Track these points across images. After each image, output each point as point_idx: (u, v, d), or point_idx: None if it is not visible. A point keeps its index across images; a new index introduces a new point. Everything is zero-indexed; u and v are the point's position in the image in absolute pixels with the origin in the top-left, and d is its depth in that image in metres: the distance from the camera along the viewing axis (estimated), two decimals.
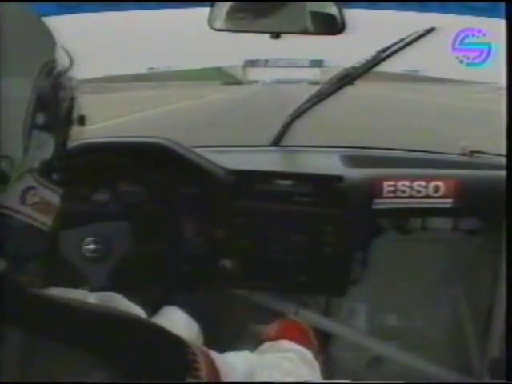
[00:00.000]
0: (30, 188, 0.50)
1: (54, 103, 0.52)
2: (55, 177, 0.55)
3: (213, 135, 6.44)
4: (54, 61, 0.52)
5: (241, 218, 1.34)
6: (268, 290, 1.45)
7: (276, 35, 1.06)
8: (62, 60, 0.55)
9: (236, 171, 1.36)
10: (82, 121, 0.59)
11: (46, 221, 0.53)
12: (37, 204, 0.51)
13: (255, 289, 1.43)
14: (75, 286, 0.77)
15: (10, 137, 0.47)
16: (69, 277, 1.19)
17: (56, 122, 0.53)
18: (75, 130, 0.59)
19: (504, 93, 1.02)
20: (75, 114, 0.57)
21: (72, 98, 0.56)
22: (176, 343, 0.52)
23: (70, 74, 0.55)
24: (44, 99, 0.50)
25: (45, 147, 0.52)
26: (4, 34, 0.47)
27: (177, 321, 0.66)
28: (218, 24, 1.10)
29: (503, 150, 1.02)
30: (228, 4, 1.09)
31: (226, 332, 1.40)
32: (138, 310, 0.60)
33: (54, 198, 0.54)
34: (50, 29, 0.53)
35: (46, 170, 0.53)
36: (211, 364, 0.53)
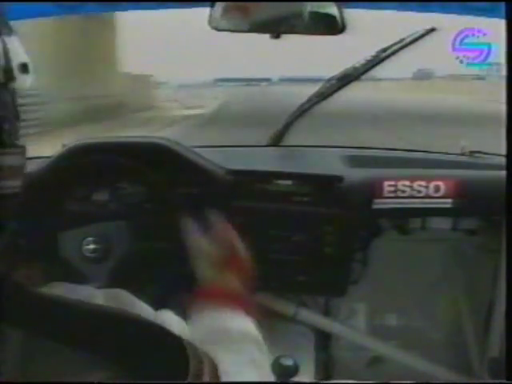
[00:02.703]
0: None
1: None
2: (8, 139, 0.50)
3: None
4: None
5: (241, 218, 1.34)
6: (268, 290, 1.45)
7: (276, 35, 1.06)
8: None
9: (236, 171, 1.36)
10: (24, 68, 0.52)
11: (15, 184, 0.50)
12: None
13: (255, 289, 1.43)
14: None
15: None
16: (69, 277, 1.19)
17: None
18: (20, 81, 0.52)
19: None
20: (15, 67, 0.49)
21: (6, 51, 0.50)
22: (177, 344, 0.52)
23: None
24: None
25: None
26: None
27: (169, 323, 0.66)
28: (218, 24, 1.10)
29: (503, 149, 1.02)
30: (228, 4, 1.09)
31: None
32: (144, 307, 0.60)
33: (13, 159, 0.50)
34: None
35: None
36: (215, 372, 0.52)
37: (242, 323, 0.78)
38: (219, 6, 1.05)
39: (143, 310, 0.59)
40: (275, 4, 1.07)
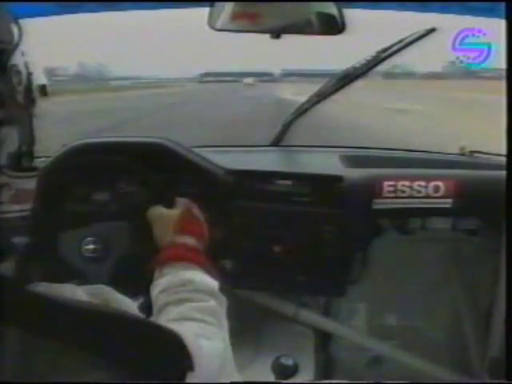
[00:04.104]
0: (3, 186, 0.49)
1: (10, 91, 0.48)
2: (26, 162, 0.52)
3: None
4: (3, 41, 0.48)
5: (241, 218, 1.34)
6: (268, 289, 1.45)
7: (276, 35, 1.06)
8: (11, 35, 0.49)
9: (236, 171, 1.36)
10: (43, 91, 0.55)
11: (25, 207, 0.52)
12: (14, 196, 0.50)
13: (255, 289, 1.43)
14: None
15: None
16: (68, 277, 1.19)
17: (16, 111, 0.49)
18: (39, 103, 0.54)
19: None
20: (35, 89, 0.53)
21: (29, 74, 0.52)
22: (174, 341, 0.52)
23: (21, 48, 0.50)
24: None
25: (9, 140, 0.49)
26: None
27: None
28: (218, 24, 1.10)
29: (503, 149, 1.02)
30: (228, 4, 1.09)
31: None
32: (126, 302, 0.60)
33: (29, 183, 0.52)
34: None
35: (16, 161, 0.50)
36: (188, 352, 0.53)
37: (205, 277, 0.81)
38: (225, 9, 1.05)
39: (125, 304, 0.60)
40: (275, 4, 1.07)
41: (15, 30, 0.50)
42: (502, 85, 0.99)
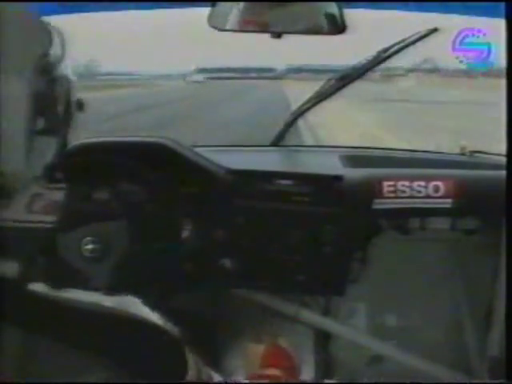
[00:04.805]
0: (36, 195, 0.50)
1: (53, 102, 0.50)
2: (58, 174, 0.54)
3: None
4: (48, 54, 0.49)
5: (241, 218, 1.34)
6: (268, 289, 1.45)
7: (277, 35, 1.06)
8: (56, 49, 0.51)
9: (236, 171, 1.36)
10: (80, 106, 0.57)
11: (54, 219, 0.53)
12: (45, 207, 0.51)
13: (255, 289, 1.43)
14: (74, 286, 0.76)
15: (10, 149, 0.44)
16: (68, 277, 1.19)
17: (57, 122, 0.51)
18: (75, 118, 0.55)
19: None
20: (73, 103, 0.55)
21: (69, 89, 0.53)
22: (176, 344, 0.52)
23: (64, 62, 0.52)
24: (42, 101, 0.47)
25: (47, 151, 0.50)
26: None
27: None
28: (219, 24, 1.10)
29: (503, 149, 1.02)
30: (228, 4, 1.09)
31: (214, 339, 1.40)
32: (154, 316, 0.60)
33: (60, 195, 0.54)
34: (47, 22, 0.49)
35: (50, 172, 0.52)
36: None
37: None
38: (227, 10, 1.05)
39: (152, 318, 0.59)
40: (276, 4, 1.07)
41: (59, 43, 0.51)
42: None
